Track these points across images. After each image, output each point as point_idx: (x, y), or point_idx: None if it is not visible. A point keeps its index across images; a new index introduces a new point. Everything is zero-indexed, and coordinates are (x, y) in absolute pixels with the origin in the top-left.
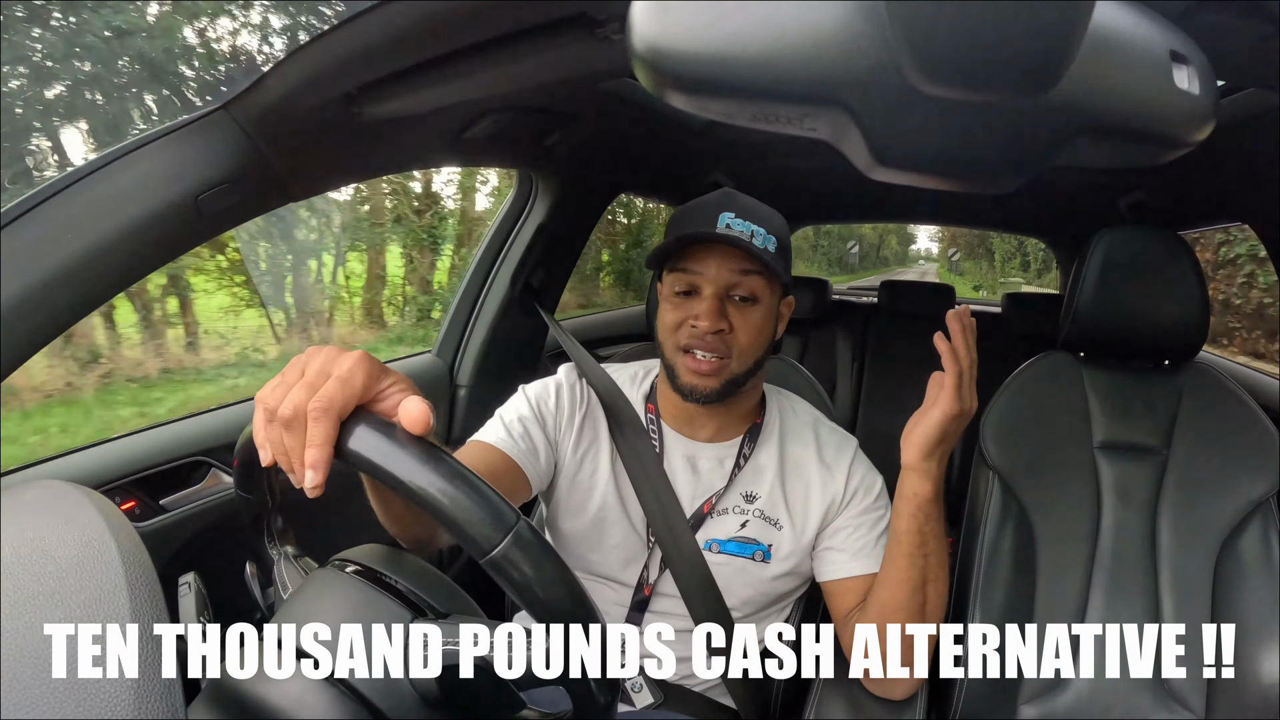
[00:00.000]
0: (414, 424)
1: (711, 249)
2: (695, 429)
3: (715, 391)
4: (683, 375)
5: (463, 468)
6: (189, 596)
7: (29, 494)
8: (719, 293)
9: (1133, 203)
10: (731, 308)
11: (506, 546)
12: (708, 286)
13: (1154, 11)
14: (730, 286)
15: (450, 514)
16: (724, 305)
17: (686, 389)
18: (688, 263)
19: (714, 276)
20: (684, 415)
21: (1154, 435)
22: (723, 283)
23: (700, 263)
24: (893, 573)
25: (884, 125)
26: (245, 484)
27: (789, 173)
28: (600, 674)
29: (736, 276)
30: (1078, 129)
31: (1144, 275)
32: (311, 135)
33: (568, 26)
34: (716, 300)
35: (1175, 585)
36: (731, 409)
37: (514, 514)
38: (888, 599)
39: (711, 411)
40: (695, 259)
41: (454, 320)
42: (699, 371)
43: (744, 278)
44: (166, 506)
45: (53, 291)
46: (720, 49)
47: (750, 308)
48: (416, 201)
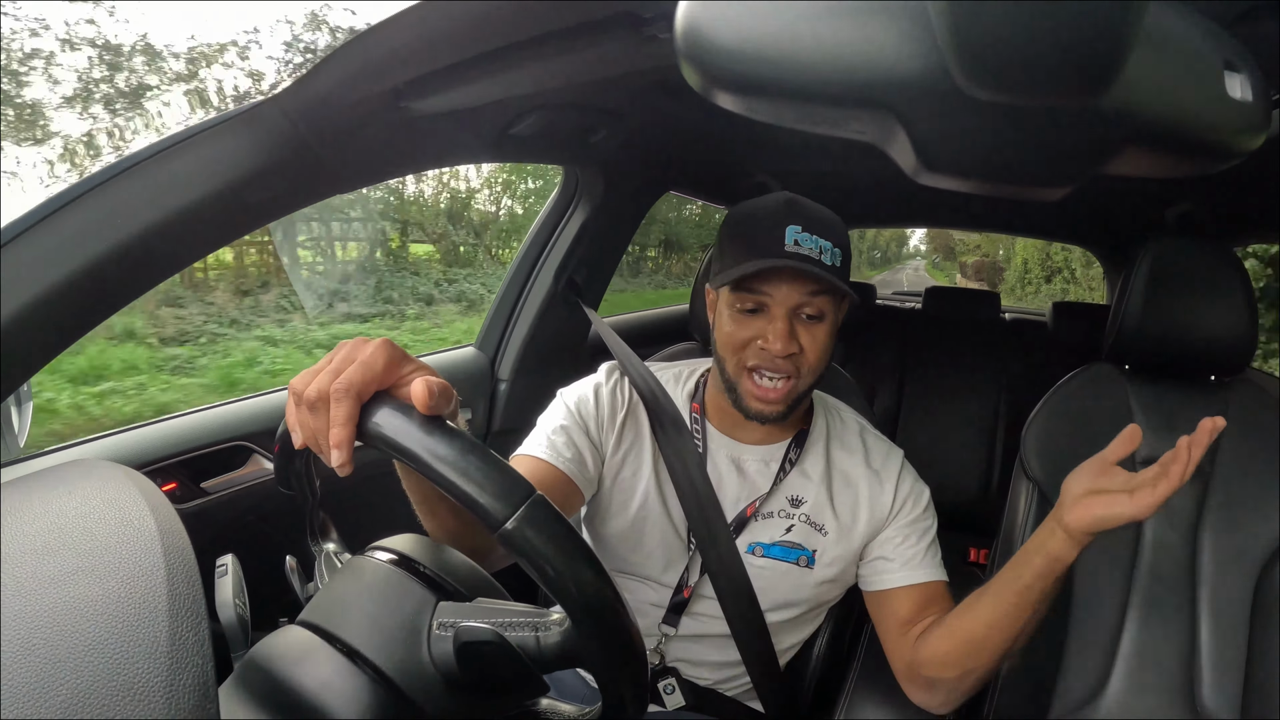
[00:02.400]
0: (420, 401)
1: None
2: (742, 432)
3: (780, 414)
4: (747, 399)
5: (477, 443)
6: (226, 578)
7: (73, 471)
8: (789, 314)
9: (1181, 213)
10: (799, 327)
11: (518, 519)
12: (778, 308)
13: (1206, 19)
14: (799, 306)
15: (463, 487)
16: (793, 325)
17: (751, 411)
18: (755, 282)
19: (784, 298)
20: (731, 419)
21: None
22: (793, 304)
23: (770, 284)
24: (997, 614)
25: (931, 129)
26: (284, 473)
27: (834, 175)
28: (622, 654)
29: (806, 297)
30: (1127, 136)
31: (1192, 288)
32: (358, 129)
33: (614, 24)
34: (788, 322)
35: (1214, 607)
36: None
37: (527, 487)
38: (981, 636)
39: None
40: (763, 279)
41: (496, 314)
42: (766, 400)
43: (814, 298)
44: (208, 490)
45: (101, 276)
46: (767, 49)
47: (818, 325)
48: None
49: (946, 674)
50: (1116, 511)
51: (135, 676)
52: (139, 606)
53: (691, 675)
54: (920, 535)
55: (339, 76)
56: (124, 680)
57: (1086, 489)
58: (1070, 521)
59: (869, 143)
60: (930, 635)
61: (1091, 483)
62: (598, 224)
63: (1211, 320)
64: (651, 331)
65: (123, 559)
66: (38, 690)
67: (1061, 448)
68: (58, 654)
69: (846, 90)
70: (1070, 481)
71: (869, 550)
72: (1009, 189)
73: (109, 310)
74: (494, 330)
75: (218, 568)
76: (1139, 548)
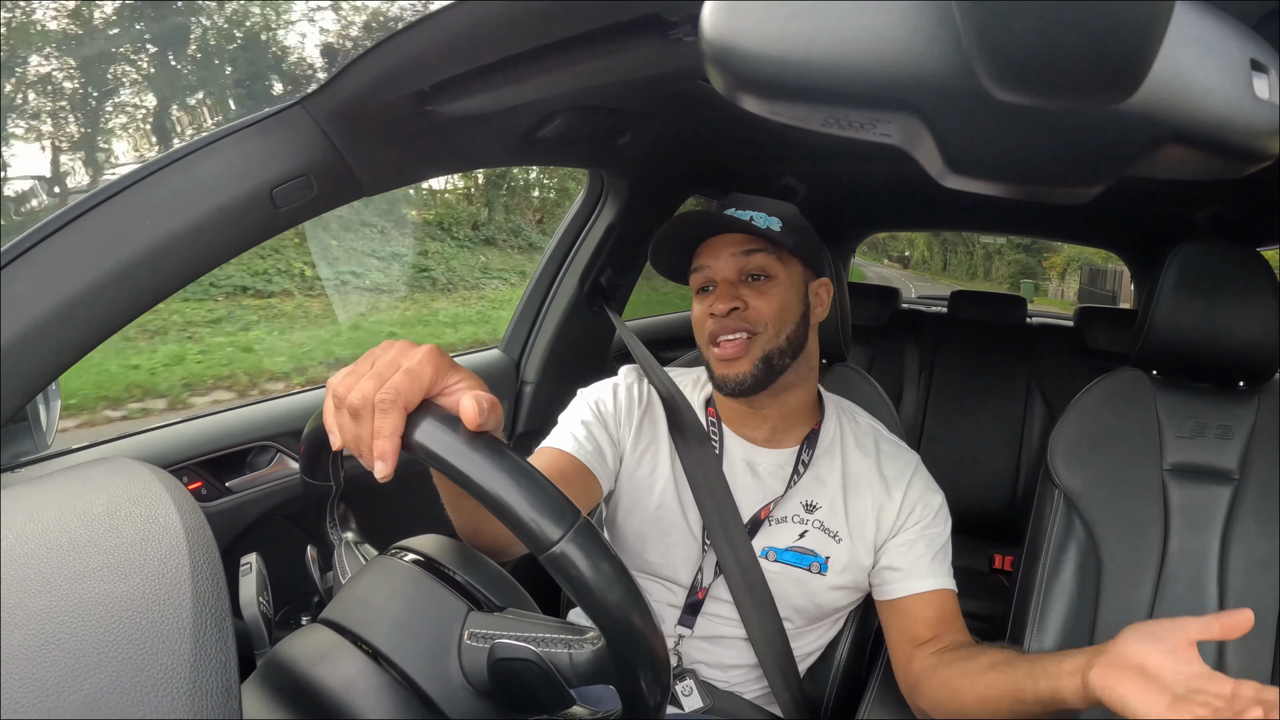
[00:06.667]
0: (469, 420)
1: (717, 244)
2: (751, 429)
3: (749, 376)
4: (716, 368)
5: (526, 464)
6: (250, 576)
7: (100, 470)
8: (731, 278)
9: (1210, 216)
10: (745, 289)
11: (566, 543)
12: (717, 274)
13: (1233, 18)
14: (741, 270)
15: (511, 509)
16: (737, 288)
17: (720, 381)
18: (699, 260)
19: (721, 264)
20: (739, 415)
21: (1227, 459)
22: (733, 267)
23: (709, 256)
24: (991, 701)
25: (957, 131)
26: (310, 470)
27: (861, 177)
28: (652, 677)
29: (742, 259)
30: (1154, 138)
31: (1222, 292)
32: (385, 131)
33: (640, 28)
34: (728, 284)
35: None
36: (783, 404)
37: (574, 511)
38: (973, 708)
39: (761, 405)
40: (705, 255)
41: (522, 317)
42: (725, 357)
43: (750, 257)
44: (233, 489)
45: (134, 275)
46: (792, 52)
47: (766, 284)
48: None
49: (940, 718)
50: (1146, 707)
51: (159, 673)
52: (164, 604)
53: (710, 677)
54: (928, 543)
55: (366, 80)
56: (148, 677)
57: (1140, 663)
58: (1095, 680)
59: (894, 146)
60: (933, 676)
61: (1151, 658)
62: (623, 227)
63: (1241, 325)
64: (674, 336)
65: (148, 556)
66: (62, 685)
67: (1087, 454)
68: (82, 649)
69: (871, 93)
70: (1131, 636)
71: (878, 558)
72: (1034, 191)
73: (141, 308)
74: (519, 333)
75: (241, 566)
76: (1166, 553)
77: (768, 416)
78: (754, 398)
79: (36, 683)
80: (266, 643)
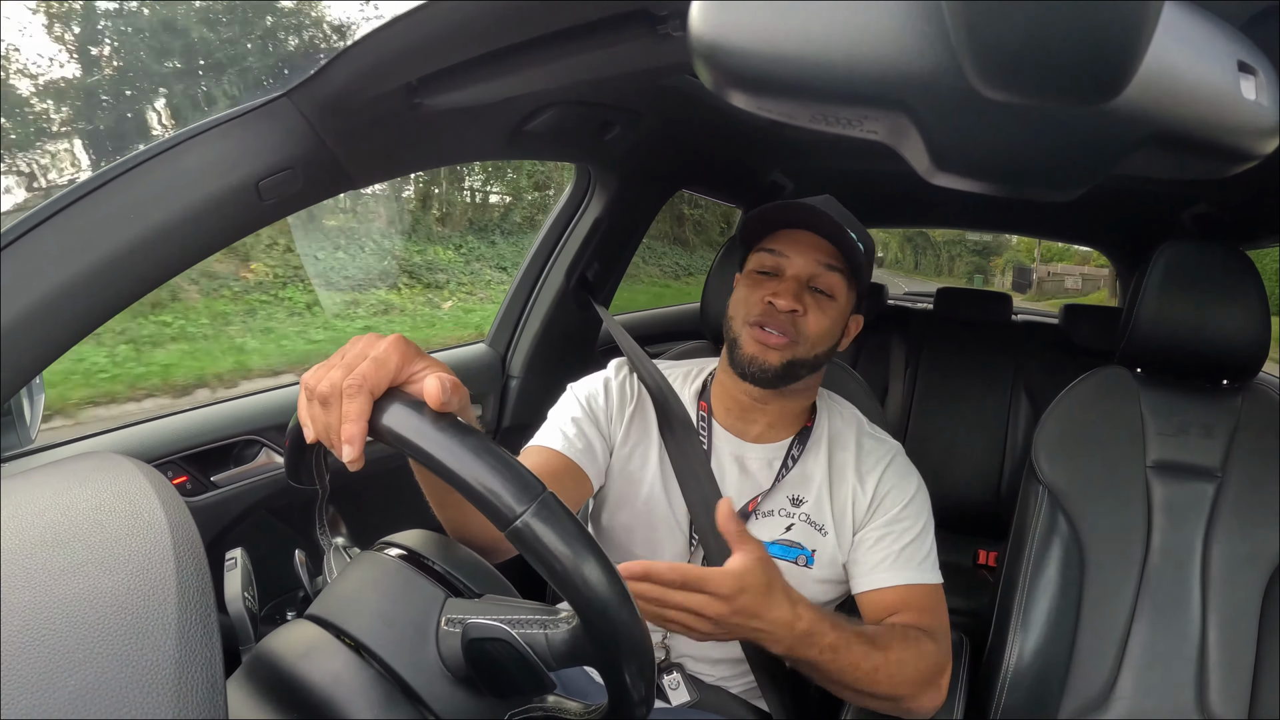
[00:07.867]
0: (432, 399)
1: (803, 240)
2: (746, 424)
3: (775, 370)
4: (747, 345)
5: (490, 442)
6: (235, 571)
7: (84, 464)
8: (802, 279)
9: (1196, 215)
10: (808, 296)
11: (530, 516)
12: (791, 269)
13: (1220, 19)
14: (812, 276)
15: (472, 485)
16: (803, 293)
17: (747, 360)
18: (777, 243)
19: (800, 262)
20: (737, 408)
21: (1210, 457)
22: (807, 271)
23: (789, 245)
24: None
25: (944, 129)
26: (295, 472)
27: (848, 174)
28: (631, 654)
29: (820, 269)
30: (1141, 137)
31: (1206, 291)
32: (372, 124)
33: (629, 22)
34: (798, 283)
35: (1223, 613)
36: (785, 404)
37: (539, 484)
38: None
39: (765, 401)
40: (783, 242)
41: (508, 311)
42: (765, 343)
43: (827, 272)
44: (218, 483)
45: (119, 268)
46: (780, 48)
47: (826, 301)
48: None
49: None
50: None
51: (143, 669)
52: (148, 599)
53: (696, 671)
54: (896, 537)
55: (353, 72)
56: (132, 673)
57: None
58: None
59: (882, 142)
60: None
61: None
62: (610, 222)
63: (1225, 324)
64: (662, 330)
65: (132, 551)
66: (46, 681)
67: (1070, 451)
68: (66, 645)
69: (859, 89)
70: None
71: (852, 551)
72: (1022, 189)
73: (127, 301)
74: (505, 327)
75: (226, 561)
76: (1149, 550)
77: (766, 412)
78: (763, 391)
79: (20, 679)
80: (252, 638)
